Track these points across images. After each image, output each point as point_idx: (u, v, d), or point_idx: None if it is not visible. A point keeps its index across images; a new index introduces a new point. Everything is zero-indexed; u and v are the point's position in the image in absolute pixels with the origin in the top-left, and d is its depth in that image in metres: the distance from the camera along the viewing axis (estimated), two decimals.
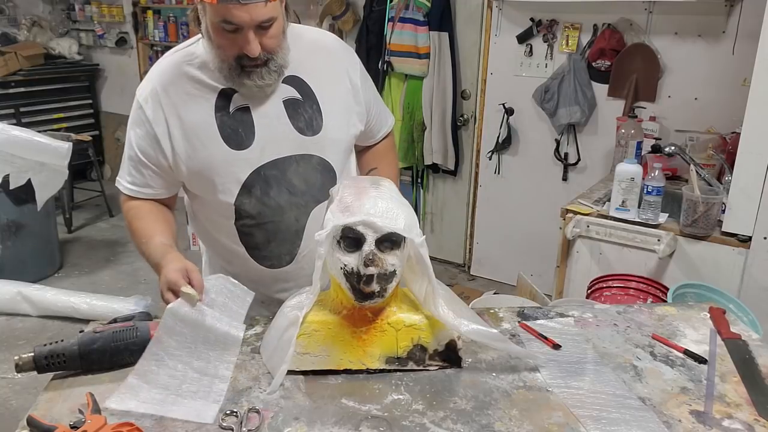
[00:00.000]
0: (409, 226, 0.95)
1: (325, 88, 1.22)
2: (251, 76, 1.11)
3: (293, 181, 1.19)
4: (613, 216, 2.09)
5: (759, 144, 1.87)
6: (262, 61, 1.10)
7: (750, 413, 0.95)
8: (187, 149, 1.16)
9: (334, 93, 1.23)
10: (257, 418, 0.90)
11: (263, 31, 1.07)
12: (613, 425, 0.91)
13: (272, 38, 1.10)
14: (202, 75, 1.16)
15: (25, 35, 4.73)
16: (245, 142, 1.16)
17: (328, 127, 1.20)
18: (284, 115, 1.18)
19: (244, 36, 1.06)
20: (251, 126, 1.16)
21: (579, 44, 2.91)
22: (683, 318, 1.24)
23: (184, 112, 1.16)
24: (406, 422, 0.90)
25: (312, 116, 1.19)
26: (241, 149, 1.16)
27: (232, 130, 1.16)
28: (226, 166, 1.16)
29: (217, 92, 1.16)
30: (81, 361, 0.98)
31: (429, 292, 1.00)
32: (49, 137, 3.17)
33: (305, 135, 1.19)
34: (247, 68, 1.10)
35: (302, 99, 1.19)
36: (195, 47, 1.18)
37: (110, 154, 5.16)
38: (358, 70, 1.28)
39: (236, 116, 1.16)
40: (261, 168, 1.17)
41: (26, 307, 2.94)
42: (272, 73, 1.12)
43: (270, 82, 1.13)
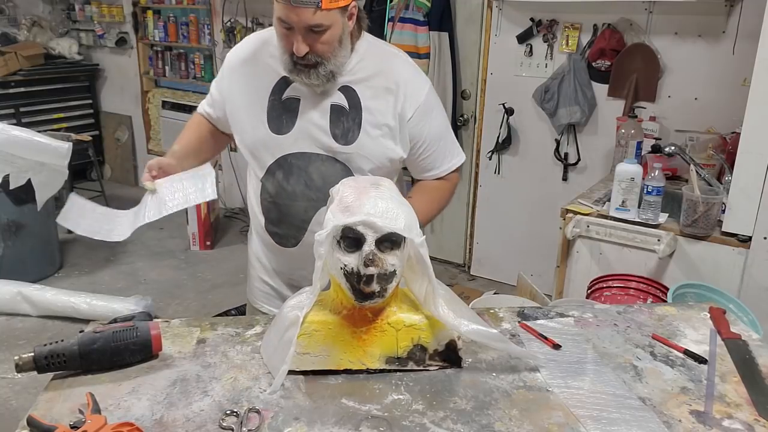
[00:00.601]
0: (409, 226, 0.95)
1: (374, 110, 1.26)
2: (299, 74, 1.20)
3: (312, 176, 1.27)
4: (613, 216, 2.09)
5: (759, 144, 1.87)
6: (311, 63, 1.17)
7: (750, 413, 0.95)
8: (238, 116, 1.31)
9: (379, 117, 1.27)
10: (257, 418, 0.90)
11: (315, 35, 1.14)
12: (613, 425, 0.91)
13: (324, 44, 1.16)
14: (269, 60, 1.28)
15: (25, 35, 4.73)
16: (284, 128, 1.26)
17: (361, 143, 1.26)
18: (327, 118, 1.25)
19: (295, 35, 1.14)
20: (294, 116, 1.26)
21: (579, 44, 2.91)
22: (683, 318, 1.24)
23: (246, 87, 1.30)
24: (406, 422, 0.90)
25: (350, 128, 1.26)
26: (279, 134, 1.26)
27: (277, 114, 1.26)
28: (262, 143, 1.28)
29: (279, 77, 1.26)
30: (81, 361, 0.98)
31: (429, 292, 1.00)
32: (49, 137, 3.17)
33: (338, 142, 1.25)
34: (298, 66, 1.19)
35: (348, 110, 1.25)
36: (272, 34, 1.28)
37: (110, 154, 5.16)
38: (414, 108, 1.28)
39: (286, 103, 1.26)
40: (289, 155, 1.26)
41: (26, 307, 2.94)
42: (321, 77, 1.19)
43: (317, 83, 1.21)
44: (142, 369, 1.02)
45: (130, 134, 5.02)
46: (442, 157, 1.37)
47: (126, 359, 1.00)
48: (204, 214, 3.83)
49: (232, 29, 3.93)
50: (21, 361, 0.97)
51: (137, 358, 1.01)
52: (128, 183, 5.10)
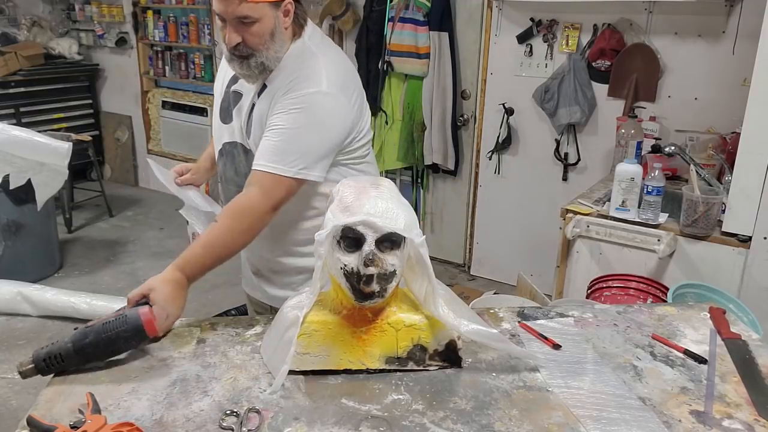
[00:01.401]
0: (409, 226, 0.95)
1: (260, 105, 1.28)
2: (234, 64, 1.26)
3: (238, 164, 1.37)
4: (613, 216, 2.09)
5: (759, 144, 1.87)
6: (244, 54, 1.23)
7: (750, 413, 0.95)
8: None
9: (259, 112, 1.27)
10: (257, 418, 0.90)
11: (245, 26, 1.19)
12: (612, 425, 0.91)
13: (254, 35, 1.21)
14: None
15: (25, 35, 4.73)
16: (227, 118, 1.37)
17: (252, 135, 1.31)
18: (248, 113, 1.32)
19: (227, 26, 1.20)
20: (235, 107, 1.35)
21: (579, 44, 2.91)
22: (683, 318, 1.24)
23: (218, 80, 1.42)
24: (406, 422, 0.90)
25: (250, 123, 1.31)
26: (224, 123, 1.37)
27: (226, 105, 1.37)
28: (215, 131, 1.41)
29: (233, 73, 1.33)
30: (78, 357, 0.99)
31: (429, 292, 1.00)
32: (49, 137, 3.16)
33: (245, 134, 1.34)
34: (234, 56, 1.24)
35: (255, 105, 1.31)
36: None
37: (110, 154, 5.16)
38: (283, 101, 1.22)
39: (233, 95, 1.36)
40: (227, 143, 1.37)
41: (26, 307, 2.94)
42: (252, 68, 1.24)
43: (250, 74, 1.26)
44: (142, 369, 1.02)
45: (130, 134, 5.02)
46: (269, 155, 1.21)
47: (121, 347, 1.01)
48: None
49: None
50: (23, 368, 0.99)
51: (132, 344, 1.01)
52: (128, 183, 5.09)
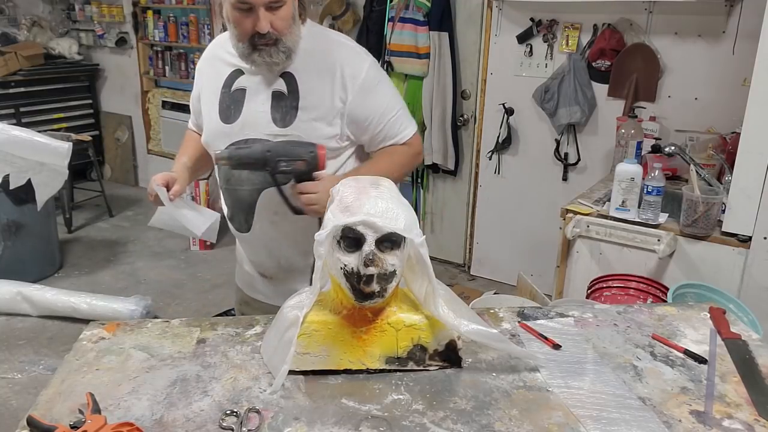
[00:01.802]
0: (409, 226, 0.95)
1: (309, 91, 1.30)
2: (261, 54, 1.24)
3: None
4: (613, 216, 2.09)
5: (759, 144, 1.87)
6: (271, 40, 1.23)
7: (750, 413, 0.95)
8: (201, 113, 1.41)
9: (315, 99, 1.30)
10: (257, 418, 0.90)
11: (273, 11, 1.21)
12: (613, 425, 0.91)
13: (282, 20, 1.23)
14: (225, 55, 1.36)
15: (25, 35, 4.73)
16: (231, 117, 1.33)
17: (297, 125, 1.30)
18: (268, 104, 1.31)
19: (256, 14, 1.20)
20: (241, 106, 1.32)
21: (579, 44, 2.91)
22: (683, 318, 1.24)
23: (206, 84, 1.40)
24: (406, 422, 0.90)
25: (288, 111, 1.30)
26: (227, 123, 1.33)
27: (226, 105, 1.34)
28: (215, 133, 1.36)
29: (231, 71, 1.34)
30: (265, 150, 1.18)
31: (429, 292, 1.00)
32: (49, 137, 3.17)
33: (277, 125, 1.30)
34: (259, 46, 1.24)
35: (287, 94, 1.31)
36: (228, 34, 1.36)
37: (110, 154, 5.16)
38: (356, 85, 1.29)
39: (234, 95, 1.33)
40: (237, 142, 1.31)
41: (26, 307, 2.94)
42: (280, 53, 1.25)
43: (278, 61, 1.26)
44: (142, 369, 1.02)
45: (130, 134, 5.02)
46: (393, 129, 1.36)
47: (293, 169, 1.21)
48: None
49: None
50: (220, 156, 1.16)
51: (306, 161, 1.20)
52: (128, 183, 5.10)
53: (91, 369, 1.02)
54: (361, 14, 3.50)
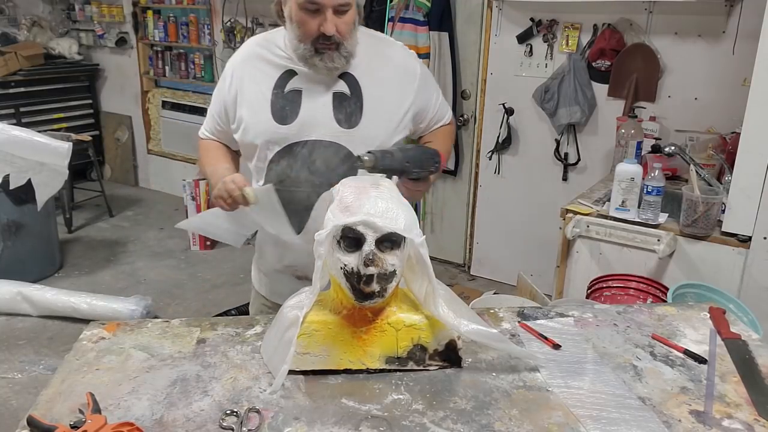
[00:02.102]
0: (409, 226, 0.95)
1: (374, 92, 1.33)
2: (323, 57, 1.25)
3: (316, 162, 1.31)
4: (613, 216, 2.09)
5: (759, 144, 1.87)
6: (334, 44, 1.24)
7: (750, 413, 0.95)
8: (243, 115, 1.35)
9: (381, 99, 1.33)
10: (257, 418, 0.90)
11: (340, 15, 1.22)
12: (612, 425, 0.91)
13: (346, 24, 1.24)
14: (271, 56, 1.34)
15: (25, 35, 4.73)
16: (288, 118, 1.31)
17: (364, 126, 1.31)
18: (330, 105, 1.31)
19: (324, 16, 1.21)
20: (298, 107, 1.31)
21: (579, 44, 2.92)
22: (683, 318, 1.24)
23: (249, 85, 1.35)
24: (406, 422, 0.90)
25: (353, 112, 1.31)
26: (282, 124, 1.31)
27: (280, 106, 1.32)
28: (267, 134, 1.33)
29: (280, 73, 1.32)
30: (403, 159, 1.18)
31: (429, 292, 1.00)
32: (49, 137, 3.17)
33: (341, 126, 1.31)
34: (321, 49, 1.24)
35: (350, 95, 1.32)
36: (272, 34, 1.38)
37: (110, 154, 5.16)
38: (415, 84, 1.37)
39: (288, 96, 1.32)
40: (293, 144, 1.31)
41: (26, 306, 2.94)
42: (342, 57, 1.26)
43: (338, 65, 1.27)
44: (143, 369, 1.02)
45: (130, 134, 5.02)
46: (442, 112, 1.48)
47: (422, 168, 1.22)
48: None
49: (232, 29, 3.93)
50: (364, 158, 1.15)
51: (428, 168, 1.23)
52: (128, 183, 5.10)
53: (92, 369, 1.02)
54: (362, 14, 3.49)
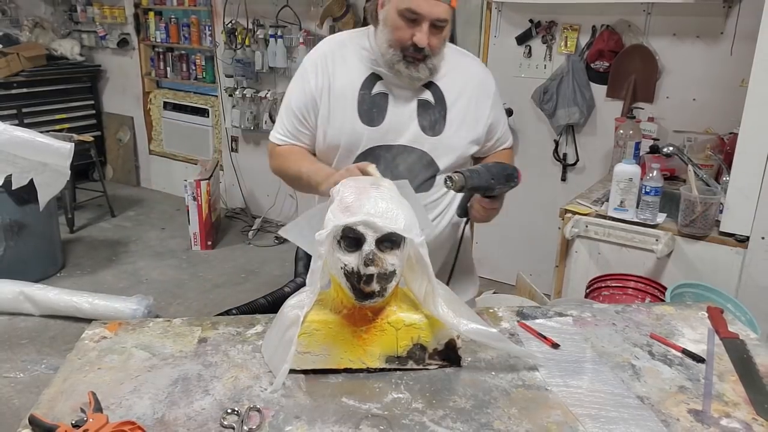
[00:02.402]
0: (408, 226, 0.96)
1: (457, 103, 1.37)
2: (409, 66, 1.27)
3: (399, 166, 1.33)
4: (612, 216, 2.09)
5: (756, 144, 1.87)
6: (422, 56, 1.26)
7: (748, 412, 0.95)
8: (329, 111, 1.34)
9: (463, 110, 1.38)
10: (258, 417, 0.90)
11: (435, 30, 1.24)
12: (611, 424, 0.91)
13: (439, 39, 1.26)
14: (359, 56, 1.35)
15: (27, 36, 4.73)
16: (375, 120, 1.33)
17: (447, 134, 1.35)
18: (415, 112, 1.34)
19: (420, 27, 1.22)
20: (384, 110, 1.33)
21: (578, 45, 2.92)
22: (681, 317, 1.25)
23: (337, 80, 1.34)
24: (405, 421, 0.91)
25: (437, 120, 1.35)
26: (370, 125, 1.32)
27: (367, 107, 1.33)
28: (353, 134, 1.33)
29: (368, 74, 1.33)
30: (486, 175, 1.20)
31: (428, 291, 1.00)
32: (52, 138, 3.17)
33: (425, 133, 1.34)
34: (409, 58, 1.26)
35: (434, 104, 1.35)
36: (357, 34, 1.39)
37: (112, 154, 5.17)
38: (491, 99, 1.42)
39: (375, 98, 1.34)
40: (377, 147, 1.33)
41: (28, 306, 2.94)
42: (426, 69, 1.28)
43: (422, 77, 1.30)
44: (144, 368, 1.03)
45: (131, 135, 5.02)
46: (507, 135, 1.52)
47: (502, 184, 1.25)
48: (205, 214, 3.84)
49: (233, 31, 3.93)
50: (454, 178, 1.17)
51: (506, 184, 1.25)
52: (130, 183, 5.10)
53: (93, 368, 1.02)
54: (362, 16, 3.50)
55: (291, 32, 3.73)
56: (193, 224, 3.83)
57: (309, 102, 1.36)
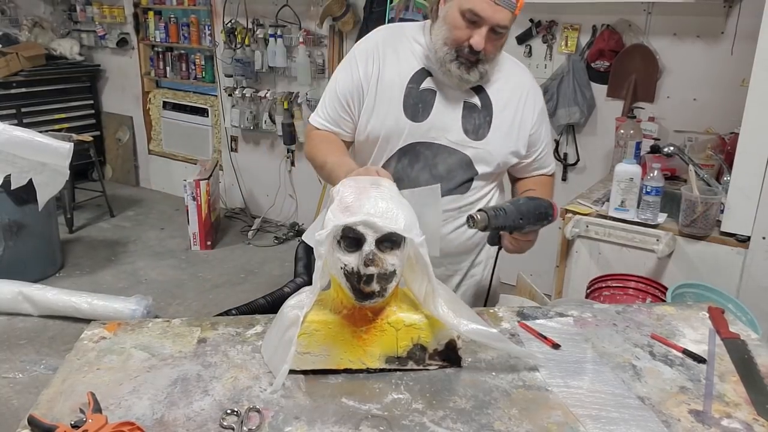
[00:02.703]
0: (408, 226, 0.96)
1: (503, 111, 1.34)
2: (460, 67, 1.24)
3: (438, 167, 1.32)
4: (612, 216, 2.09)
5: (757, 144, 1.87)
6: (476, 59, 1.23)
7: (749, 413, 0.95)
8: (374, 101, 1.32)
9: (509, 119, 1.35)
10: (257, 418, 0.90)
11: (494, 35, 1.21)
12: (612, 424, 0.91)
13: (495, 46, 1.24)
14: (411, 48, 1.32)
15: (27, 36, 4.73)
16: (419, 116, 1.30)
17: (490, 140, 1.33)
18: (460, 113, 1.31)
19: (479, 30, 1.19)
20: (430, 107, 1.30)
21: (578, 45, 2.92)
22: (682, 318, 1.25)
23: (387, 70, 1.31)
24: (405, 421, 0.91)
25: (481, 125, 1.33)
26: (414, 121, 1.30)
27: (413, 102, 1.31)
28: (395, 127, 1.31)
29: (419, 68, 1.31)
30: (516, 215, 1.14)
31: (429, 291, 1.00)
32: (51, 137, 3.17)
33: (467, 136, 1.32)
34: (461, 58, 1.23)
35: (480, 108, 1.33)
36: (411, 27, 1.37)
37: (111, 154, 5.17)
38: (537, 113, 1.39)
39: (422, 93, 1.31)
40: (419, 143, 1.31)
41: (27, 306, 2.94)
42: (477, 73, 1.26)
43: (471, 80, 1.27)
44: (143, 368, 1.03)
45: (131, 135, 5.02)
46: (546, 161, 1.47)
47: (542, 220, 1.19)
48: (205, 214, 3.83)
49: (232, 30, 3.93)
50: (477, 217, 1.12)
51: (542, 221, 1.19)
52: (129, 183, 5.10)
53: (92, 368, 1.02)
54: (361, 15, 3.50)
55: (291, 32, 3.72)
56: (193, 224, 3.83)
57: (355, 89, 1.33)
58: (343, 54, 3.65)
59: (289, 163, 4.13)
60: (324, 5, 3.49)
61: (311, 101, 3.80)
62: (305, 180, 4.07)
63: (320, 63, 3.71)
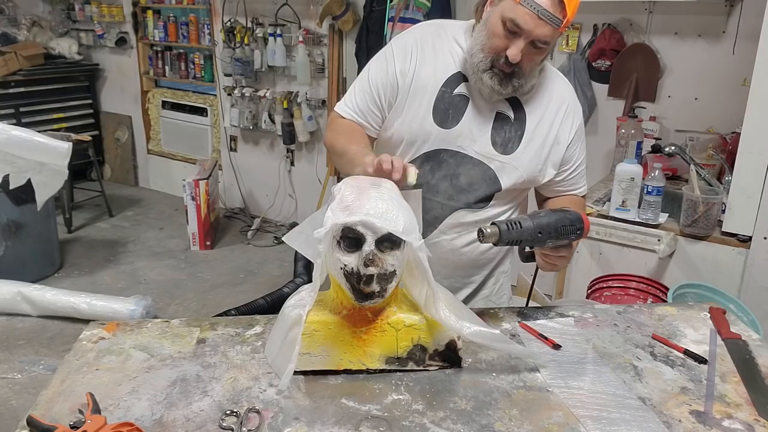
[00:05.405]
0: (408, 229, 0.95)
1: (537, 127, 1.27)
2: (493, 78, 1.18)
3: (460, 177, 1.26)
4: (613, 216, 2.09)
5: (759, 144, 1.87)
6: (511, 72, 1.16)
7: (750, 413, 0.95)
8: (406, 100, 1.26)
9: (541, 136, 1.27)
10: (257, 418, 0.90)
11: (534, 49, 1.14)
12: (613, 425, 0.91)
13: (532, 61, 1.17)
14: (451, 50, 1.26)
15: (25, 35, 4.72)
16: (448, 122, 1.24)
17: (518, 155, 1.26)
18: (490, 124, 1.25)
19: (518, 41, 1.13)
20: (460, 114, 1.24)
21: (579, 44, 2.91)
22: (683, 318, 1.24)
23: (423, 70, 1.25)
24: (406, 422, 0.90)
25: (511, 138, 1.26)
26: (442, 126, 1.24)
27: (444, 107, 1.25)
28: (420, 130, 1.25)
29: (455, 71, 1.25)
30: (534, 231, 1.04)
31: (429, 295, 1.00)
32: (49, 137, 3.16)
33: (496, 149, 1.25)
34: (495, 68, 1.17)
35: (512, 121, 1.26)
36: (453, 26, 1.30)
37: (110, 154, 5.16)
38: (574, 131, 1.31)
39: (455, 99, 1.25)
40: (444, 150, 1.25)
41: (26, 307, 2.94)
42: (510, 86, 1.19)
43: (503, 92, 1.20)
44: (142, 369, 1.02)
45: (129, 134, 5.02)
46: (582, 178, 1.39)
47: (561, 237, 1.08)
48: (204, 214, 3.83)
49: (231, 29, 3.93)
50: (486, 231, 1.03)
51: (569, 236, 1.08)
52: (128, 183, 5.10)
53: (91, 369, 1.02)
54: (361, 14, 3.50)
55: (290, 31, 3.72)
56: (192, 224, 3.82)
57: (388, 84, 1.28)
58: (344, 53, 3.65)
59: (288, 162, 4.13)
60: (324, 4, 3.49)
61: (311, 100, 3.79)
62: (305, 180, 4.07)
63: (320, 62, 3.71)
